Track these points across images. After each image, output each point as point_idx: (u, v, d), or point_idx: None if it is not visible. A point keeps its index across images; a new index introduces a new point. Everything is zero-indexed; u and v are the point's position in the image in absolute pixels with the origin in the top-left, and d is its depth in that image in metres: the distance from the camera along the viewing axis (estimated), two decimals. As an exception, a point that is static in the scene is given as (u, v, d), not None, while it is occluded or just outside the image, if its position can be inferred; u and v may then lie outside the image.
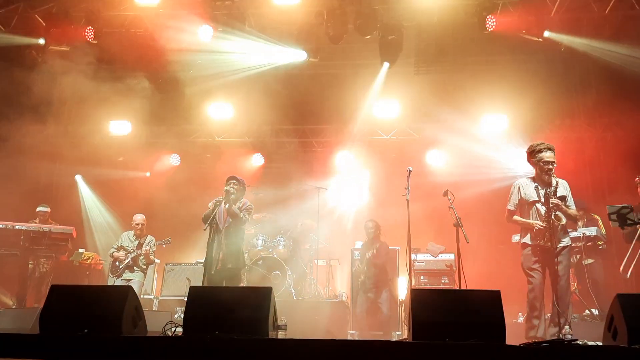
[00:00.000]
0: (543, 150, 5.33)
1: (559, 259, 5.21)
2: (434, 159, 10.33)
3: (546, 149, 5.33)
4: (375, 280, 7.73)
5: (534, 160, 5.41)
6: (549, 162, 5.28)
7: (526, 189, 5.45)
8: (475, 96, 9.67)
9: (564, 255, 5.29)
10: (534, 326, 5.22)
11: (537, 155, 5.36)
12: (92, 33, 8.97)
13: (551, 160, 5.29)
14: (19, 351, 3.44)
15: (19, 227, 7.71)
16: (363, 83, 10.03)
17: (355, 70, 10.40)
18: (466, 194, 8.10)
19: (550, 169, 5.27)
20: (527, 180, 5.50)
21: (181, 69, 9.68)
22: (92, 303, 3.84)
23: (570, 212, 5.34)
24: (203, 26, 8.93)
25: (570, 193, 5.45)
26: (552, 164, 5.29)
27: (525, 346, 3.37)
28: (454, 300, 3.75)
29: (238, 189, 6.30)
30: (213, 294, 4.08)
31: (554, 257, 5.19)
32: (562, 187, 5.40)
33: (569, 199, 5.39)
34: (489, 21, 8.39)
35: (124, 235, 8.23)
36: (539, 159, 5.34)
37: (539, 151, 5.35)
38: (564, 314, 5.08)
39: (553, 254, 5.19)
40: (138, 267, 7.89)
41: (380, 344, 3.33)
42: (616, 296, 3.69)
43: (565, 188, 5.42)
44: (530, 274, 5.36)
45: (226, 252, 6.07)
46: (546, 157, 5.30)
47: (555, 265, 5.17)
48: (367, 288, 7.78)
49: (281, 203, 9.81)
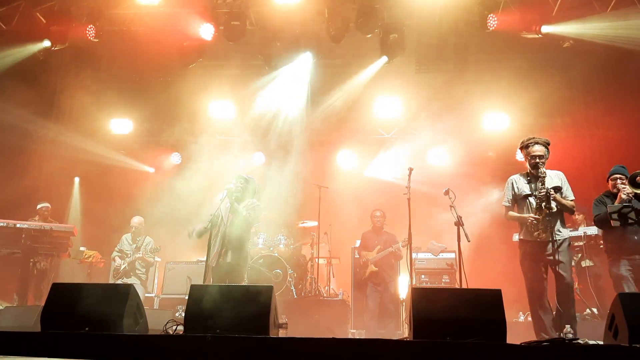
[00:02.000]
0: (531, 144, 5.35)
1: (559, 257, 5.12)
2: (435, 157, 10.32)
3: (534, 143, 5.34)
4: (384, 274, 7.64)
5: (525, 154, 5.45)
6: (536, 156, 5.29)
7: (519, 183, 5.46)
8: (476, 95, 9.67)
9: (564, 252, 5.18)
10: (540, 326, 5.13)
11: (526, 150, 5.41)
12: (93, 31, 8.98)
13: (538, 154, 5.28)
14: (20, 349, 3.45)
15: (20, 225, 7.72)
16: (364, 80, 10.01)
17: (356, 69, 10.38)
18: (467, 192, 8.09)
19: (536, 163, 5.26)
20: (519, 176, 5.51)
21: (182, 67, 9.68)
22: (93, 301, 3.84)
23: (564, 201, 5.26)
24: (204, 24, 8.93)
25: (567, 183, 5.39)
26: (540, 157, 5.27)
27: (526, 345, 3.37)
28: (454, 299, 3.75)
29: (241, 187, 6.09)
30: (214, 293, 4.07)
31: (552, 251, 5.12)
32: (557, 178, 5.37)
33: (565, 190, 5.34)
34: (491, 20, 8.40)
35: (123, 238, 8.26)
36: (528, 152, 5.38)
37: (527, 145, 5.39)
38: (567, 312, 5.01)
39: (550, 248, 5.12)
40: (134, 274, 7.91)
41: (381, 343, 3.33)
42: (617, 295, 3.69)
43: (560, 179, 5.38)
44: (526, 271, 5.32)
45: (229, 248, 6.01)
46: (533, 150, 5.32)
47: (555, 262, 5.11)
48: (377, 281, 7.61)
49: (282, 201, 9.81)
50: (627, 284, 5.32)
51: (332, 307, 7.50)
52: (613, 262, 5.52)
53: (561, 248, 5.18)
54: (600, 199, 5.73)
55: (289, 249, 8.60)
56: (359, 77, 9.98)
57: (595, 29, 8.22)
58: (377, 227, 7.93)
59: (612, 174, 5.74)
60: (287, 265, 8.13)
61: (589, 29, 8.31)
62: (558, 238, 5.19)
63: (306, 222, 9.05)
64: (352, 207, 10.08)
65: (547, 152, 5.35)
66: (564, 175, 5.45)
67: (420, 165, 9.67)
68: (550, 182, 5.30)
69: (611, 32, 8.09)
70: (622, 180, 5.56)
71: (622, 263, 5.43)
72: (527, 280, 5.30)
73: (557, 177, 5.40)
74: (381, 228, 7.93)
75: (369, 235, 7.99)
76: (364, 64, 10.10)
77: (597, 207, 5.71)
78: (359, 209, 9.71)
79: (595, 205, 5.75)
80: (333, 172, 10.55)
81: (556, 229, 5.21)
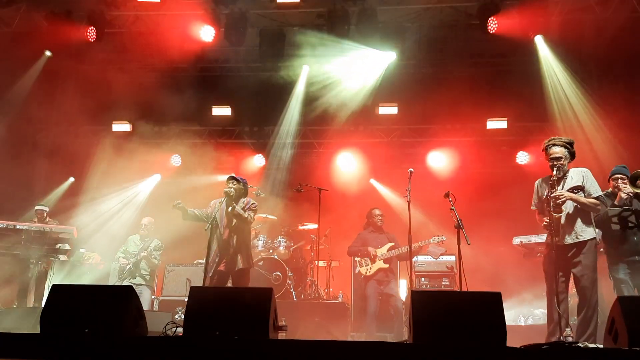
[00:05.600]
0: (549, 147, 5.26)
1: (577, 259, 5.00)
2: (435, 160, 10.32)
3: (552, 145, 5.24)
4: (390, 273, 7.36)
5: (545, 157, 5.34)
6: (553, 159, 5.20)
7: (542, 186, 5.40)
8: (477, 97, 9.67)
9: (586, 254, 5.00)
10: (551, 332, 5.02)
11: (545, 152, 5.31)
12: (94, 33, 9.00)
13: (556, 157, 5.18)
14: (20, 351, 3.44)
15: (20, 226, 7.69)
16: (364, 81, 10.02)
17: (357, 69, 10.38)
18: (467, 195, 8.09)
19: (554, 165, 5.17)
20: (544, 178, 5.42)
21: (183, 69, 9.71)
22: (93, 303, 3.84)
23: (582, 200, 5.08)
24: (205, 26, 8.95)
25: (592, 179, 5.21)
26: (557, 159, 5.16)
27: (525, 348, 3.37)
28: (454, 302, 3.75)
29: (237, 188, 6.21)
30: (214, 295, 4.08)
31: (571, 254, 5.02)
32: (578, 176, 5.23)
33: (588, 187, 5.16)
34: (491, 23, 8.41)
35: (130, 239, 8.26)
36: (547, 155, 5.28)
37: (546, 148, 5.30)
38: (588, 318, 4.91)
39: (568, 251, 5.03)
40: (139, 274, 7.90)
41: (380, 346, 3.33)
42: (617, 299, 3.69)
43: (582, 176, 5.22)
44: (545, 274, 5.25)
45: (233, 253, 6.06)
46: (550, 153, 5.23)
47: (573, 265, 5.02)
48: (381, 279, 7.24)
49: (282, 204, 9.82)
50: (627, 288, 5.30)
51: (332, 309, 7.47)
52: (612, 266, 5.48)
53: (583, 250, 5.04)
54: (601, 199, 5.71)
55: (288, 251, 8.59)
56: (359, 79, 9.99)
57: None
58: (378, 226, 7.69)
59: (613, 173, 5.69)
60: (286, 267, 8.12)
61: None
62: (578, 240, 5.07)
63: (306, 224, 9.04)
64: (352, 209, 10.09)
65: (567, 152, 5.22)
66: (589, 171, 5.29)
67: (421, 168, 9.73)
68: (571, 181, 5.22)
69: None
70: (623, 180, 5.54)
71: (620, 267, 5.36)
72: (547, 283, 5.23)
73: (579, 175, 5.25)
74: (382, 227, 7.78)
75: (369, 235, 7.62)
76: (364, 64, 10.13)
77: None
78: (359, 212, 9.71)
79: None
80: (333, 175, 10.55)
81: (576, 231, 5.10)
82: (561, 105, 9.32)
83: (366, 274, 7.31)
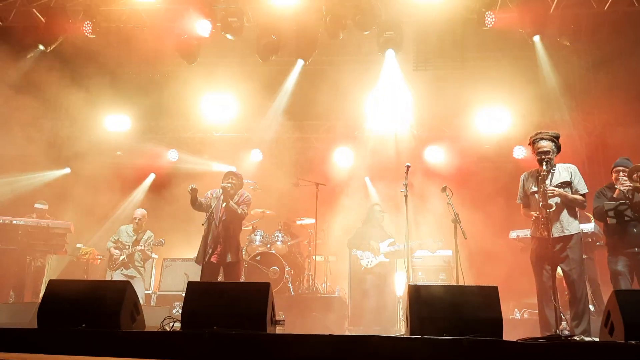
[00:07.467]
0: (537, 140, 5.27)
1: (564, 253, 5.04)
2: (432, 155, 10.33)
3: (540, 138, 5.25)
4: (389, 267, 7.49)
5: (532, 150, 5.35)
6: (541, 152, 5.20)
7: (527, 180, 5.42)
8: (474, 92, 9.67)
9: (572, 248, 5.06)
10: (543, 323, 5.06)
11: (533, 146, 5.32)
12: (90, 27, 8.95)
13: (544, 150, 5.19)
14: (16, 346, 3.44)
15: (17, 222, 7.69)
16: (362, 78, 10.00)
17: (354, 66, 10.37)
18: (464, 190, 8.09)
19: (542, 159, 5.18)
20: (530, 172, 5.45)
21: (179, 64, 9.65)
22: (90, 298, 3.84)
23: (570, 196, 5.15)
24: (201, 21, 8.90)
25: (579, 176, 5.26)
26: (545, 153, 5.17)
27: (522, 341, 3.39)
28: (451, 296, 3.75)
29: (235, 184, 6.35)
30: (211, 289, 4.09)
31: (558, 248, 5.04)
32: (566, 172, 5.27)
33: (575, 183, 5.22)
34: (488, 17, 8.40)
35: (122, 228, 8.24)
36: (535, 149, 5.29)
37: (533, 142, 5.32)
38: (574, 309, 4.97)
39: (554, 244, 5.04)
40: (133, 265, 7.92)
41: (377, 339, 3.34)
42: (613, 292, 3.70)
43: (570, 173, 5.26)
44: (533, 268, 5.27)
45: (224, 247, 6.12)
46: (538, 147, 5.24)
47: (560, 259, 5.06)
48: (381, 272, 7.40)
49: (279, 199, 9.80)
50: (624, 280, 5.32)
51: (330, 304, 7.49)
52: (612, 258, 5.47)
53: (569, 244, 5.09)
54: (602, 191, 5.69)
55: (286, 246, 8.59)
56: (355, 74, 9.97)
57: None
58: (378, 221, 7.82)
59: (615, 166, 5.69)
60: (284, 262, 8.12)
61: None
62: (564, 234, 5.11)
63: (303, 219, 9.04)
64: (349, 204, 10.09)
65: (554, 146, 5.25)
66: (577, 168, 5.33)
67: (418, 162, 9.73)
68: (559, 177, 5.24)
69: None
70: (624, 172, 5.53)
71: (620, 259, 5.37)
72: (535, 277, 5.26)
73: (567, 171, 5.29)
74: (381, 223, 7.86)
75: (370, 230, 7.72)
76: (361, 61, 10.11)
77: (597, 200, 5.68)
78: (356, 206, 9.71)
79: (596, 197, 5.70)
80: (330, 170, 10.54)
81: (563, 224, 5.14)
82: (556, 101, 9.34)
83: (367, 266, 7.48)
